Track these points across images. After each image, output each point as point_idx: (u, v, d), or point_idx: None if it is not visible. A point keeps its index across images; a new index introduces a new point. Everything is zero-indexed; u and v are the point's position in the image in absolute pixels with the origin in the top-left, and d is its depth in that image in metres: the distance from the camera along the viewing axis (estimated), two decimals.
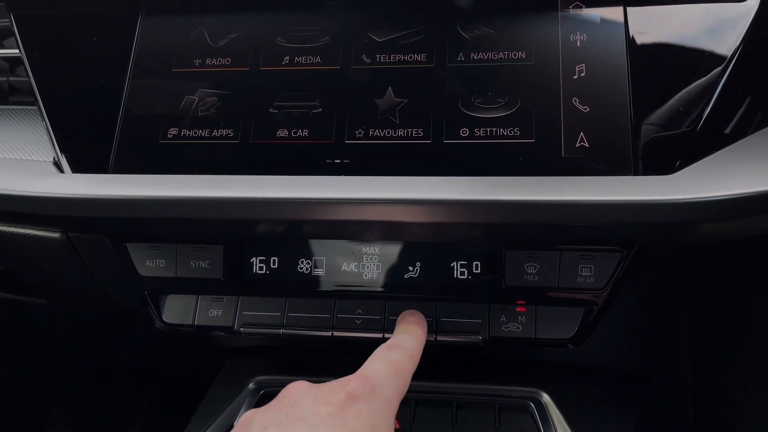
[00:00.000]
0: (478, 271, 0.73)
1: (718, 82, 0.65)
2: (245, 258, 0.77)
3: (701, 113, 0.65)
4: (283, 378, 0.92)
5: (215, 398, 0.93)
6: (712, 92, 0.65)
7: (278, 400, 0.60)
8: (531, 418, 0.84)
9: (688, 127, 0.65)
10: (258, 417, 0.58)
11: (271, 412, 0.58)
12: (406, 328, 0.70)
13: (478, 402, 0.86)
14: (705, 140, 0.65)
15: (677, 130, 0.65)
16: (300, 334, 0.77)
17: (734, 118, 0.67)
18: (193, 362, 1.16)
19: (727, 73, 0.65)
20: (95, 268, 0.84)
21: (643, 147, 0.65)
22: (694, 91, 0.66)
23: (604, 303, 0.71)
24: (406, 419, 0.86)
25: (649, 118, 0.66)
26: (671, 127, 0.66)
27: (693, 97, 0.66)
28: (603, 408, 0.85)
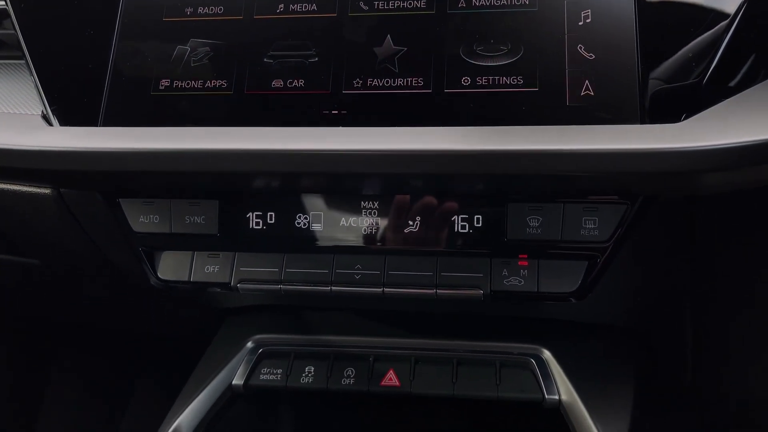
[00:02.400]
0: (480, 224, 0.72)
1: (725, 35, 0.63)
2: (241, 213, 0.76)
3: (708, 65, 0.63)
4: (282, 336, 0.92)
5: (213, 357, 0.92)
6: (719, 45, 0.63)
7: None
8: (532, 375, 0.84)
9: (695, 79, 0.63)
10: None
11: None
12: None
13: (479, 359, 0.86)
14: (711, 92, 0.63)
15: (684, 80, 0.63)
16: (298, 289, 0.76)
17: (740, 72, 0.65)
18: (191, 324, 1.15)
19: (734, 27, 0.63)
20: (88, 225, 0.82)
21: (650, 96, 0.63)
22: (702, 43, 0.64)
23: (608, 256, 0.70)
24: (406, 377, 0.86)
25: (656, 67, 0.64)
26: (678, 77, 0.64)
27: (700, 48, 0.64)
28: (604, 364, 0.85)
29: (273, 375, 0.89)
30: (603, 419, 0.78)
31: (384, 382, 0.86)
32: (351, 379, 0.87)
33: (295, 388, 0.88)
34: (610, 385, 0.82)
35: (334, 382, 0.87)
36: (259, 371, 0.89)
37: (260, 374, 0.89)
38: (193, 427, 0.85)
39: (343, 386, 0.86)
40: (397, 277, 0.75)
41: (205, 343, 0.99)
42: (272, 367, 0.89)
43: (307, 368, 0.88)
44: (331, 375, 0.87)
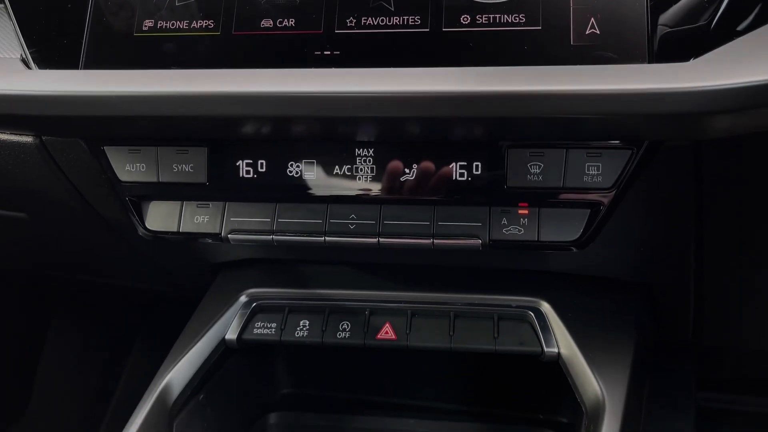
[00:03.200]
0: (479, 171, 0.69)
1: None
2: (231, 161, 0.73)
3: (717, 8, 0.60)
4: (276, 291, 0.90)
5: (206, 312, 0.91)
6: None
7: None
8: (530, 328, 0.82)
9: (704, 21, 0.60)
10: None
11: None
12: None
13: (476, 312, 0.84)
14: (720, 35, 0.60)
15: (693, 23, 0.60)
16: (291, 240, 0.74)
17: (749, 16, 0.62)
18: (185, 280, 1.13)
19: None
20: (73, 175, 0.80)
21: (658, 37, 0.60)
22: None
23: (611, 204, 0.68)
24: (402, 330, 0.84)
25: (665, 9, 0.61)
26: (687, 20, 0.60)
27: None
28: (604, 318, 0.83)
29: (267, 329, 0.87)
30: (603, 372, 0.77)
31: (380, 336, 0.85)
32: (346, 332, 0.85)
33: (289, 342, 0.86)
34: (611, 339, 0.81)
35: (329, 336, 0.85)
36: (252, 325, 0.88)
37: (254, 328, 0.87)
38: (185, 381, 0.84)
39: (339, 340, 0.85)
40: (393, 227, 0.72)
41: (198, 299, 0.97)
42: (266, 322, 0.88)
43: (302, 322, 0.87)
44: (326, 329, 0.85)
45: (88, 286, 1.78)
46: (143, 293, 1.89)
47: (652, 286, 0.87)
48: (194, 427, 0.86)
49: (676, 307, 0.91)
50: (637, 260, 0.83)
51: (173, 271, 1.08)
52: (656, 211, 0.74)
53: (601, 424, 0.72)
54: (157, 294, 1.61)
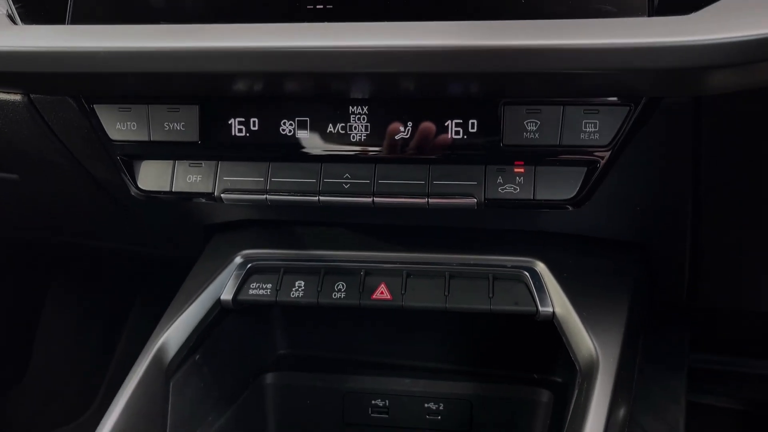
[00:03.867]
0: (475, 129, 0.68)
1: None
2: (223, 119, 0.72)
3: None
4: (271, 252, 0.90)
5: (201, 273, 0.90)
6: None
7: None
8: (525, 288, 0.82)
9: None
10: None
11: None
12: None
13: (472, 272, 0.84)
14: None
15: None
16: (285, 199, 0.73)
17: None
18: (178, 242, 1.13)
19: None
20: (63, 134, 0.79)
21: None
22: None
23: (608, 162, 0.67)
24: (398, 290, 0.84)
25: None
26: None
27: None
28: (599, 278, 0.83)
29: (262, 290, 0.87)
30: (597, 332, 0.77)
31: (375, 296, 0.85)
32: (342, 293, 0.85)
33: (285, 303, 0.86)
34: (605, 298, 0.81)
35: (324, 297, 0.85)
36: (248, 286, 0.88)
37: (249, 289, 0.87)
38: (181, 341, 0.84)
39: (334, 300, 0.85)
40: (388, 186, 0.72)
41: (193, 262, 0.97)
42: (261, 282, 0.88)
43: (297, 283, 0.87)
44: (321, 289, 0.85)
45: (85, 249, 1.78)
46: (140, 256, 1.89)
47: (647, 246, 0.87)
48: (191, 387, 0.86)
49: (672, 267, 0.91)
50: (633, 220, 0.82)
51: (167, 233, 1.07)
52: (653, 169, 0.73)
53: (595, 383, 0.72)
54: (153, 257, 1.61)
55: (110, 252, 1.70)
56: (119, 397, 0.78)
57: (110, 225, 1.09)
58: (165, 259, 1.56)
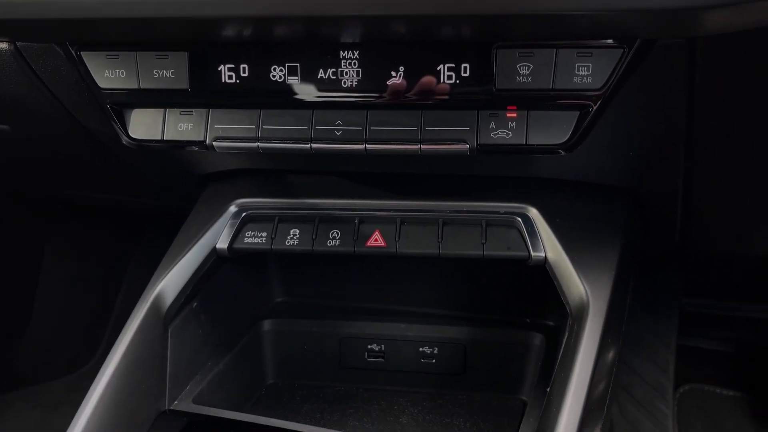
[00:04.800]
0: (467, 73, 0.67)
1: None
2: (212, 65, 0.71)
3: None
4: (265, 200, 0.90)
5: (196, 222, 0.91)
6: None
7: None
8: (518, 233, 0.83)
9: None
10: None
11: None
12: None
13: (465, 219, 0.85)
14: None
15: None
16: (277, 147, 0.73)
17: None
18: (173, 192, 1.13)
19: None
20: (52, 83, 0.78)
21: None
22: None
23: (601, 106, 0.67)
24: (392, 237, 0.85)
25: None
26: None
27: None
28: (591, 222, 0.84)
29: (258, 238, 0.88)
30: (588, 275, 0.78)
31: (369, 243, 0.85)
32: (336, 240, 0.86)
33: (280, 251, 0.87)
34: (597, 243, 0.81)
35: (319, 244, 0.86)
36: (243, 235, 0.88)
37: (244, 238, 0.88)
38: (178, 289, 0.85)
39: (329, 248, 0.86)
40: (380, 133, 0.71)
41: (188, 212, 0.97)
42: (256, 231, 0.88)
43: (292, 231, 0.87)
44: (316, 237, 0.86)
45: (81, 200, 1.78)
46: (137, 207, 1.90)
47: (639, 191, 0.87)
48: (189, 333, 0.88)
49: (664, 211, 0.92)
50: (625, 165, 0.82)
51: (162, 183, 1.07)
52: (646, 113, 0.73)
53: (585, 325, 0.74)
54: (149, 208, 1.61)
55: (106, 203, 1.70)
56: (119, 343, 0.79)
57: (105, 176, 1.08)
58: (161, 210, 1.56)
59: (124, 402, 0.76)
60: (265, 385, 1.02)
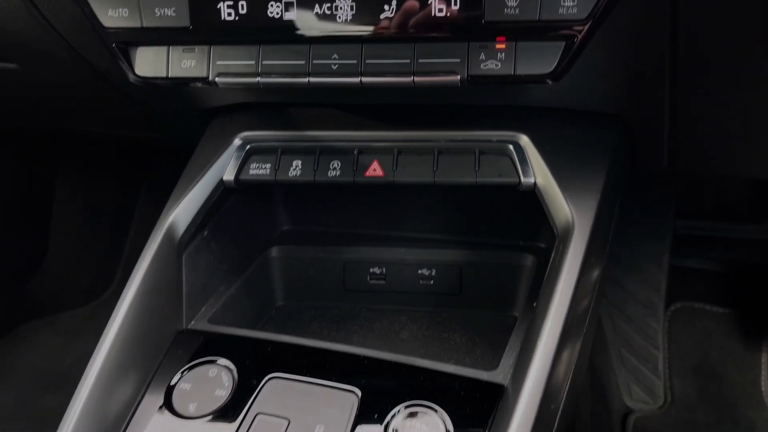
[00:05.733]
0: (457, 5, 0.70)
1: None
2: (212, 3, 0.73)
3: None
4: (268, 133, 0.94)
5: (202, 155, 0.95)
6: None
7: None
8: (509, 160, 0.87)
9: None
10: None
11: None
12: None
13: (459, 148, 0.88)
14: None
15: None
16: (276, 82, 0.76)
17: None
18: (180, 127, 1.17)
19: None
20: (58, 23, 0.80)
21: None
22: None
23: (585, 36, 0.69)
24: (389, 167, 0.89)
25: None
26: None
27: None
28: (579, 148, 0.87)
29: (262, 170, 0.92)
30: (574, 198, 0.82)
31: (368, 173, 0.89)
32: (337, 171, 0.90)
33: (284, 182, 0.91)
34: (584, 168, 0.85)
35: (321, 175, 0.90)
36: (248, 166, 0.92)
37: (249, 169, 0.92)
38: (189, 219, 0.90)
39: (330, 178, 0.90)
40: (375, 66, 0.74)
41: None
42: (261, 162, 0.92)
43: (294, 162, 0.91)
44: (317, 168, 0.90)
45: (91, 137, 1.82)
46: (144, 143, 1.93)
47: (627, 117, 0.90)
48: (202, 260, 0.94)
49: (651, 136, 0.95)
50: (612, 92, 0.85)
51: (168, 119, 1.11)
52: (631, 41, 0.75)
53: (570, 244, 0.79)
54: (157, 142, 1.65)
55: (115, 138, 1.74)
56: (137, 270, 0.85)
57: (113, 112, 1.12)
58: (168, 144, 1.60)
59: (145, 323, 0.83)
60: (274, 307, 1.09)
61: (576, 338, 0.78)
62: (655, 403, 1.69)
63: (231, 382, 0.78)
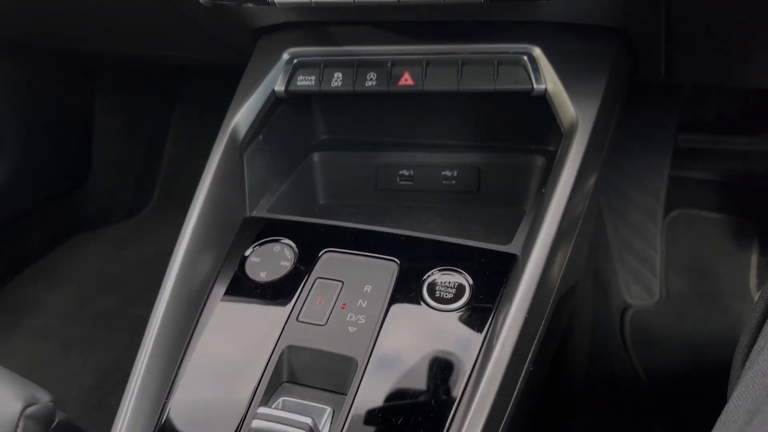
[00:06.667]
0: None
1: None
2: None
3: None
4: (312, 49, 1.07)
5: (255, 68, 1.09)
6: None
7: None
8: (524, 69, 1.00)
9: None
10: None
11: None
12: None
13: (480, 59, 1.02)
14: None
15: None
16: (326, 1, 0.89)
17: None
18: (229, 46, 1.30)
19: None
20: None
21: None
22: None
23: None
24: (419, 77, 1.03)
25: None
26: None
27: None
28: (585, 57, 1.00)
29: (307, 81, 1.06)
30: (579, 101, 0.96)
31: (401, 83, 1.03)
32: (373, 81, 1.04)
33: (327, 92, 1.05)
34: (588, 75, 0.98)
35: (359, 85, 1.04)
36: (295, 78, 1.06)
37: (297, 81, 1.06)
38: (248, 124, 1.05)
39: (367, 88, 1.04)
40: None
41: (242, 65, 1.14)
42: (306, 75, 1.06)
43: (336, 74, 1.05)
44: (356, 79, 1.04)
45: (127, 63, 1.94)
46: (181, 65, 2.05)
47: (626, 30, 1.02)
48: (258, 161, 1.09)
49: (649, 47, 1.07)
50: (612, 6, 0.97)
51: (221, 39, 1.24)
52: None
53: (573, 140, 0.93)
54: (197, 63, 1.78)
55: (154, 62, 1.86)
56: (208, 167, 1.01)
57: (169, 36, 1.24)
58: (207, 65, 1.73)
59: (218, 209, 0.99)
60: (317, 205, 1.25)
61: (577, 217, 0.94)
62: (651, 299, 1.87)
63: (293, 255, 0.95)
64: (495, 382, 0.78)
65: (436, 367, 0.82)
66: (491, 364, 0.79)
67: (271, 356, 0.85)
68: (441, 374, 0.81)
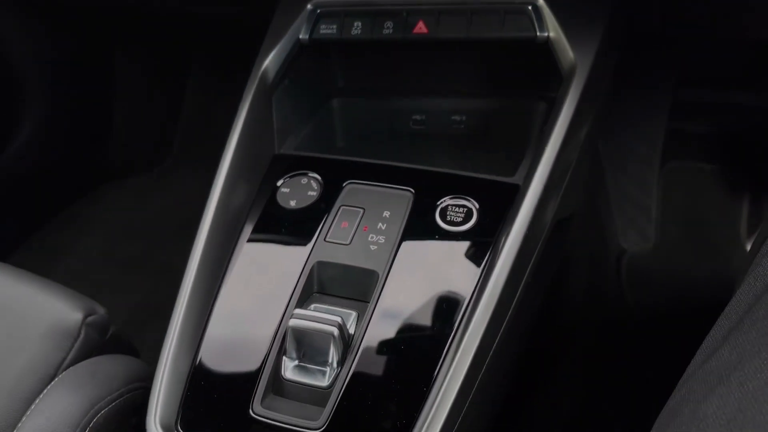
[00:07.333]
0: None
1: None
2: None
3: None
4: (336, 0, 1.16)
5: (281, 18, 1.18)
6: None
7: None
8: (528, 19, 1.09)
9: None
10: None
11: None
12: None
13: (488, 9, 1.11)
14: None
15: None
16: None
17: None
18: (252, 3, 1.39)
19: None
20: None
21: None
22: None
23: None
24: (433, 25, 1.12)
25: None
26: None
27: None
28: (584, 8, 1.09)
29: (329, 30, 1.16)
30: (578, 47, 1.05)
31: (415, 31, 1.13)
32: (390, 29, 1.13)
33: (347, 40, 1.15)
34: (587, 24, 1.08)
35: (377, 33, 1.13)
36: (318, 27, 1.16)
37: (320, 29, 1.16)
38: (276, 69, 1.15)
39: (385, 35, 1.13)
40: None
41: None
42: (328, 24, 1.16)
43: (355, 23, 1.15)
44: (374, 27, 1.13)
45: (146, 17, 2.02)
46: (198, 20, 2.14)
47: None
48: (284, 104, 1.19)
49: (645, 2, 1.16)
50: None
51: None
52: None
53: (572, 81, 1.03)
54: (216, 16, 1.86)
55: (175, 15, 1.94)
56: (241, 107, 1.11)
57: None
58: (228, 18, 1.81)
59: (251, 146, 1.10)
60: (337, 147, 1.36)
61: (573, 150, 1.04)
62: (647, 244, 1.98)
63: (319, 186, 1.07)
64: (497, 290, 0.90)
65: (447, 278, 0.93)
66: (494, 274, 0.90)
67: (302, 270, 0.97)
68: (451, 284, 0.93)
